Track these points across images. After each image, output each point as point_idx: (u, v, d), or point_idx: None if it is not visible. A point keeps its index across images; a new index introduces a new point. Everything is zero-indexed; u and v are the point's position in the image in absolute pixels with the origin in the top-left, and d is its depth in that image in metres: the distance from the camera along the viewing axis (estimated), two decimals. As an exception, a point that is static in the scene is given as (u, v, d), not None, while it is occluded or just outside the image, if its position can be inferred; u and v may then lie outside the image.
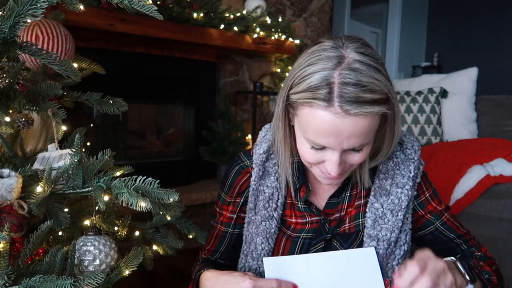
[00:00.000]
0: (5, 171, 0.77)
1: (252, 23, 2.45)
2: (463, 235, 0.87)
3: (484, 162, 1.89)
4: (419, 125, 2.48)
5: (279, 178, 0.85)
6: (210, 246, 0.94)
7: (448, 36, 5.16)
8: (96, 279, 0.71)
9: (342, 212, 0.85)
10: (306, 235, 0.86)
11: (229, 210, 0.91)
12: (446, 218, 0.87)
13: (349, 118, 0.62)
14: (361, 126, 0.63)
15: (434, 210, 0.87)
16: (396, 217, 0.81)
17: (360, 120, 0.63)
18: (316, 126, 0.65)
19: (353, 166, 0.74)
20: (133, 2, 0.75)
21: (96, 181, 0.80)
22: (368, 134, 0.66)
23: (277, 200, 0.85)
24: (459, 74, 2.57)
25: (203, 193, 2.26)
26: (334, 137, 0.64)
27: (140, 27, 1.94)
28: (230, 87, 2.70)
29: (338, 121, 0.62)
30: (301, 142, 0.72)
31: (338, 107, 0.62)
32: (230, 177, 0.91)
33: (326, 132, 0.64)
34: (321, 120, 0.63)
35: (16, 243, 0.77)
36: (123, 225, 1.05)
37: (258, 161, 0.86)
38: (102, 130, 2.21)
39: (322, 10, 3.25)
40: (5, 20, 0.68)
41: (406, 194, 0.82)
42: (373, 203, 0.82)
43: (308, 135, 0.67)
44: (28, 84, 0.91)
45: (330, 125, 0.63)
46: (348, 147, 0.66)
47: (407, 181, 0.82)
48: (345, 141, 0.65)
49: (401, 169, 0.83)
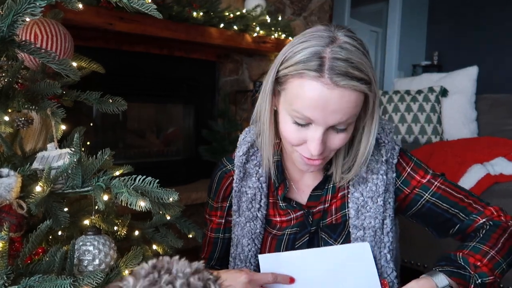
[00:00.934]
0: (4, 170, 0.77)
1: (252, 22, 2.44)
2: (458, 203, 0.82)
3: (484, 161, 1.89)
4: (419, 124, 2.48)
5: (260, 179, 0.86)
6: (204, 254, 0.95)
7: (448, 34, 5.15)
8: (95, 278, 0.71)
9: (326, 203, 0.85)
10: (291, 230, 0.86)
11: (217, 215, 0.92)
12: (436, 187, 0.83)
13: (337, 89, 0.65)
14: (347, 99, 0.66)
15: (420, 183, 0.83)
16: (376, 203, 0.81)
17: (346, 93, 0.66)
18: (305, 97, 0.67)
19: (332, 152, 0.75)
20: (132, 1, 0.75)
21: (96, 180, 0.79)
22: (352, 112, 0.68)
23: (259, 200, 0.86)
24: (459, 73, 2.57)
25: (203, 192, 2.25)
26: (321, 109, 0.66)
27: (140, 26, 1.94)
28: (230, 86, 2.70)
29: (327, 92, 0.65)
30: (285, 120, 0.73)
31: (328, 78, 0.64)
32: (215, 183, 0.92)
33: (314, 103, 0.66)
34: (310, 90, 0.66)
35: (15, 242, 0.77)
36: (123, 224, 1.05)
37: (239, 163, 0.87)
38: (102, 129, 2.21)
39: (322, 9, 3.25)
40: (4, 19, 0.67)
41: (381, 179, 0.81)
42: (353, 192, 0.83)
43: (296, 106, 0.68)
44: (27, 83, 0.91)
45: (319, 95, 0.65)
46: (332, 122, 0.68)
47: (381, 166, 0.82)
48: (330, 115, 0.67)
49: (374, 154, 0.82)
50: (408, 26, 5.13)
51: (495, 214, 0.81)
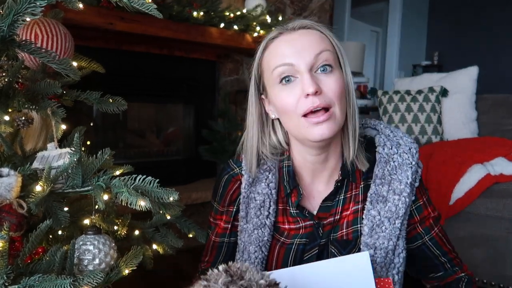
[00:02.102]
0: (4, 170, 0.77)
1: (252, 22, 2.44)
2: (447, 253, 0.85)
3: (484, 161, 1.89)
4: (419, 124, 2.48)
5: (270, 185, 0.84)
6: (208, 258, 0.93)
7: (448, 34, 5.15)
8: (95, 278, 0.71)
9: (337, 216, 0.83)
10: (300, 240, 0.84)
11: (223, 220, 0.90)
12: (435, 233, 0.84)
13: (297, 31, 0.76)
14: (310, 34, 0.75)
15: (426, 221, 0.84)
16: (393, 225, 0.79)
17: (307, 31, 0.76)
18: (276, 51, 0.76)
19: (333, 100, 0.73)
20: (132, 1, 0.75)
21: (96, 180, 0.79)
22: (321, 46, 0.74)
23: (268, 207, 0.84)
24: (460, 73, 2.56)
25: (203, 192, 2.25)
26: (292, 49, 0.74)
27: (140, 25, 1.94)
28: (230, 86, 2.70)
29: (290, 36, 0.76)
30: (275, 93, 0.77)
31: (286, 31, 0.77)
32: (221, 186, 0.90)
33: (285, 49, 0.75)
34: (277, 44, 0.77)
35: (16, 242, 0.77)
36: (123, 224, 1.05)
37: (248, 167, 0.85)
38: (102, 129, 2.21)
39: (322, 8, 3.25)
40: (4, 19, 0.68)
41: (403, 201, 0.79)
42: (370, 210, 0.80)
43: (274, 64, 0.76)
44: (28, 82, 0.91)
45: (286, 41, 0.76)
46: (309, 58, 0.73)
47: (405, 188, 0.79)
48: (303, 52, 0.73)
49: (398, 174, 0.80)
50: (408, 26, 5.13)
51: (468, 272, 0.87)
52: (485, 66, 3.12)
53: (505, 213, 1.71)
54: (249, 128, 0.83)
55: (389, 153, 0.81)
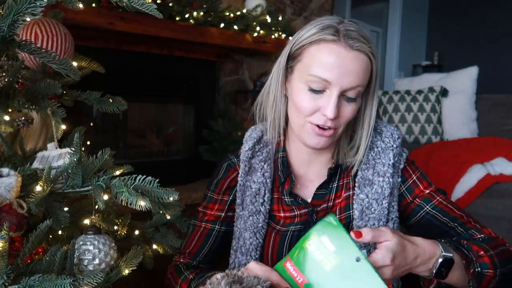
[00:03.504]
0: (4, 170, 0.77)
1: (252, 22, 2.44)
2: (457, 218, 0.83)
3: (484, 161, 1.89)
4: (419, 124, 2.48)
5: (265, 174, 0.88)
6: (191, 249, 0.91)
7: (448, 35, 5.15)
8: (95, 278, 0.71)
9: (330, 203, 0.87)
10: (295, 227, 0.87)
11: (215, 208, 0.92)
12: (438, 201, 0.84)
13: (353, 52, 0.73)
14: (360, 62, 0.74)
15: (423, 194, 0.85)
16: (381, 205, 0.82)
17: (360, 56, 0.74)
18: (323, 59, 0.74)
19: (341, 125, 0.78)
20: (132, 1, 0.75)
21: (96, 180, 0.79)
22: (362, 78, 0.75)
23: (263, 195, 0.87)
24: (460, 73, 2.57)
25: (203, 192, 2.24)
26: (338, 70, 0.72)
27: (140, 25, 1.94)
28: (230, 86, 2.70)
29: (344, 52, 0.73)
30: (299, 90, 0.78)
31: (343, 42, 0.73)
32: (219, 174, 0.94)
33: (332, 64, 0.73)
34: (329, 52, 0.73)
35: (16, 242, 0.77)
36: (123, 224, 1.05)
37: (244, 157, 0.89)
38: (102, 129, 2.21)
39: (323, 8, 3.25)
40: (4, 19, 0.67)
41: (387, 182, 0.82)
42: (358, 194, 0.84)
43: (313, 70, 0.74)
44: (28, 83, 0.91)
45: (337, 55, 0.73)
46: (346, 85, 0.73)
47: (387, 169, 0.83)
48: (346, 77, 0.73)
49: (382, 157, 0.84)
50: (408, 26, 5.13)
51: (493, 234, 0.82)
52: (485, 66, 3.12)
53: (505, 213, 1.71)
54: (277, 100, 0.85)
55: (372, 141, 0.86)
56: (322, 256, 0.60)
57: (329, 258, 0.60)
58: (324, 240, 0.60)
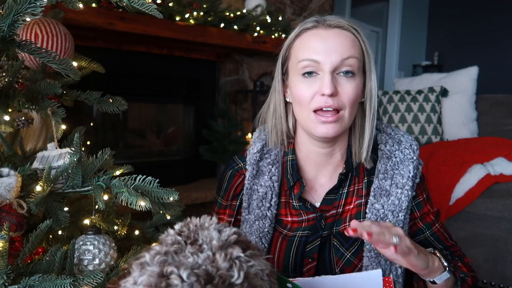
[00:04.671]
0: (4, 170, 0.77)
1: (252, 22, 2.44)
2: (450, 247, 0.87)
3: (484, 161, 1.89)
4: (419, 124, 2.48)
5: (272, 178, 0.86)
6: None
7: (448, 35, 5.15)
8: (95, 278, 0.71)
9: (339, 208, 0.85)
10: (302, 233, 0.85)
11: (226, 213, 0.91)
12: (437, 228, 0.86)
13: (332, 30, 0.77)
14: (343, 37, 0.77)
15: (427, 217, 0.86)
16: (397, 218, 0.81)
17: (342, 32, 0.77)
18: (307, 44, 0.78)
19: (345, 105, 0.77)
20: (133, 1, 0.75)
21: (96, 180, 0.79)
22: (350, 51, 0.76)
23: (270, 199, 0.86)
24: (460, 73, 2.57)
25: (203, 192, 2.25)
26: (323, 48, 0.75)
27: (140, 25, 1.94)
28: (230, 86, 2.70)
29: (324, 32, 0.77)
30: (295, 82, 0.80)
31: (322, 24, 0.78)
32: (225, 181, 0.92)
33: (316, 44, 0.76)
34: (310, 37, 0.78)
35: (16, 242, 0.77)
36: (123, 224, 1.05)
37: (252, 160, 0.88)
38: (102, 129, 2.21)
39: (323, 8, 3.25)
40: (4, 19, 0.67)
41: (406, 194, 0.81)
42: (373, 203, 0.82)
43: (301, 56, 0.78)
44: (28, 83, 0.91)
45: (319, 36, 0.77)
46: (336, 60, 0.75)
47: (407, 181, 0.82)
48: (332, 53, 0.75)
49: (400, 169, 0.83)
50: (408, 26, 5.12)
51: (469, 264, 0.88)
52: (485, 66, 3.12)
53: (505, 213, 1.71)
54: (276, 106, 0.86)
55: (391, 150, 0.84)
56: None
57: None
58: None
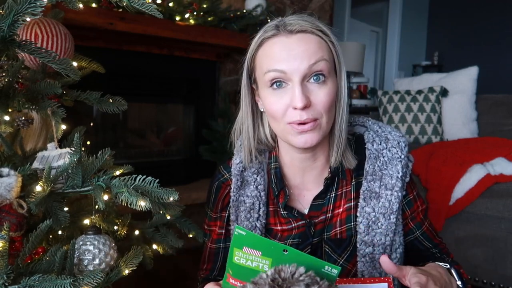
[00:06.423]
0: (4, 170, 0.77)
1: (252, 22, 2.44)
2: (438, 244, 0.86)
3: (484, 161, 1.89)
4: (419, 124, 2.48)
5: (258, 187, 0.84)
6: (206, 265, 0.92)
7: (448, 35, 5.15)
8: (95, 278, 0.71)
9: (328, 213, 0.83)
10: (292, 241, 0.83)
11: (218, 225, 0.90)
12: (426, 227, 0.86)
13: (295, 35, 0.71)
14: (307, 40, 0.71)
15: (417, 216, 0.85)
16: (389, 220, 0.79)
17: (305, 36, 0.72)
18: (269, 53, 0.73)
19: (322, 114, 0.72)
20: (133, 1, 0.75)
21: (96, 180, 0.79)
22: (317, 55, 0.71)
23: (258, 209, 0.84)
24: (460, 73, 2.57)
25: (203, 192, 2.25)
26: (286, 56, 0.70)
27: (140, 26, 1.94)
28: (230, 86, 2.70)
29: (286, 40, 0.71)
30: (265, 95, 0.75)
31: (283, 31, 0.72)
32: (212, 193, 0.90)
33: (279, 53, 0.71)
34: (272, 46, 0.72)
35: (16, 242, 0.77)
36: (123, 224, 1.05)
37: (236, 171, 0.86)
38: (102, 129, 2.21)
39: (322, 9, 3.25)
40: (4, 19, 0.68)
41: (396, 196, 0.79)
42: (364, 207, 0.80)
43: (266, 66, 0.72)
44: (28, 83, 0.91)
45: (281, 45, 0.71)
46: (303, 68, 0.69)
47: (396, 182, 0.79)
48: (297, 61, 0.70)
49: (389, 168, 0.80)
50: (408, 26, 5.13)
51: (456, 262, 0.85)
52: (485, 66, 3.12)
53: (505, 213, 1.71)
54: (244, 119, 0.83)
55: (378, 149, 0.81)
56: (256, 262, 0.61)
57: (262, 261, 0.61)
58: (246, 250, 0.61)
